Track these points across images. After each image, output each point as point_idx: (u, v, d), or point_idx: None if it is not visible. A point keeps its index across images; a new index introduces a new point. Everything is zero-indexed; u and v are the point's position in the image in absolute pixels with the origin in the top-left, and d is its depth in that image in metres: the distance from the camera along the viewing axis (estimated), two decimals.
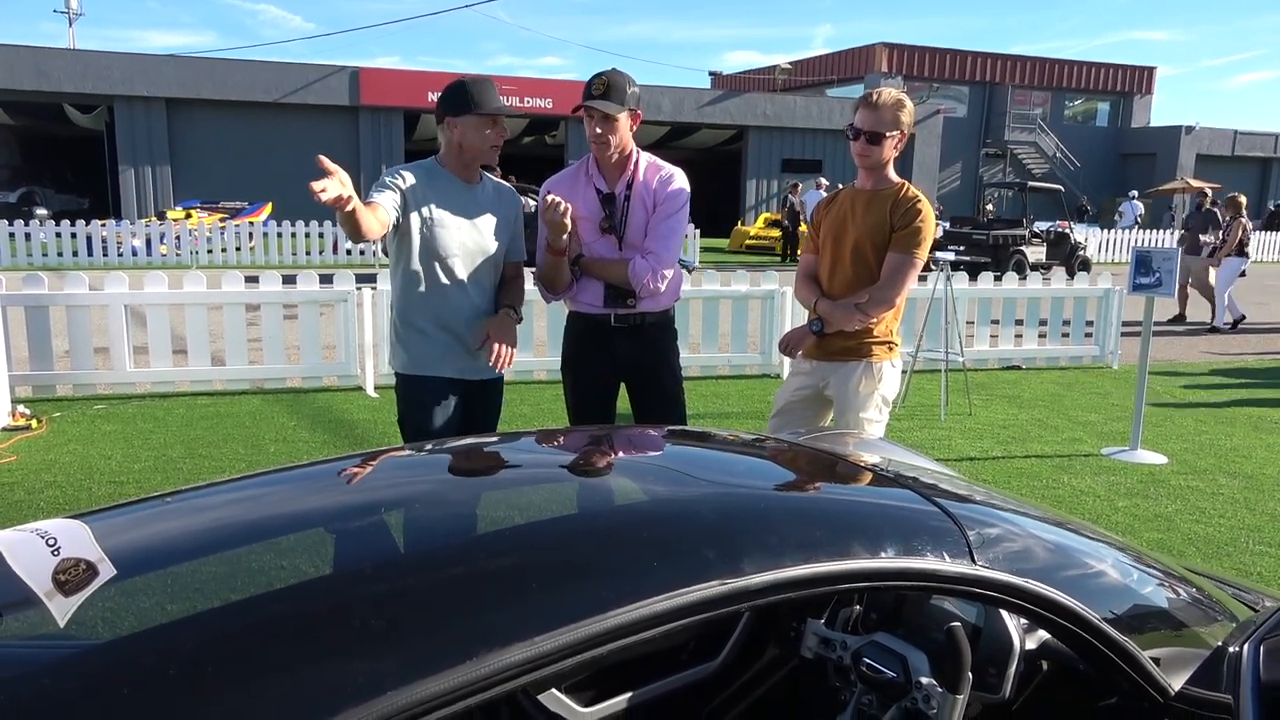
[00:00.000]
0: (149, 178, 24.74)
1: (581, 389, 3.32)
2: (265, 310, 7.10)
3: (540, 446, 1.77)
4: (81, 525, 1.35)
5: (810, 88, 38.14)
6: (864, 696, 1.66)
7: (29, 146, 30.86)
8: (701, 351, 8.08)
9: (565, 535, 1.27)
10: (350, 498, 1.45)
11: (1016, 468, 5.49)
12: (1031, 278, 9.28)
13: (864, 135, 3.20)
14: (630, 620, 1.07)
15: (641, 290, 3.10)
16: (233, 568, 1.20)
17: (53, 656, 1.01)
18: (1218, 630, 1.62)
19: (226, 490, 1.50)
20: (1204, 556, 4.14)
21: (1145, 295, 5.82)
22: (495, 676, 0.98)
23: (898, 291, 3.23)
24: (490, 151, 2.97)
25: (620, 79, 3.00)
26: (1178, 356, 9.72)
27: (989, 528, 1.47)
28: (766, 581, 1.18)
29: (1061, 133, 38.22)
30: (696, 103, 29.26)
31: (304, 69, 25.38)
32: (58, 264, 16.91)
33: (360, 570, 1.17)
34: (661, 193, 3.13)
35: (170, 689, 0.91)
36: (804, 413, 3.44)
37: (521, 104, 26.11)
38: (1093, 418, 6.83)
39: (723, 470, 1.68)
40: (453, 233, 2.95)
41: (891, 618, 1.75)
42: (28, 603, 1.13)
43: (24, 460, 5.22)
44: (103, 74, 23.63)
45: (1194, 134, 37.95)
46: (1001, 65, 37.48)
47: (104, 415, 6.26)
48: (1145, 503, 4.89)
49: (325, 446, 5.65)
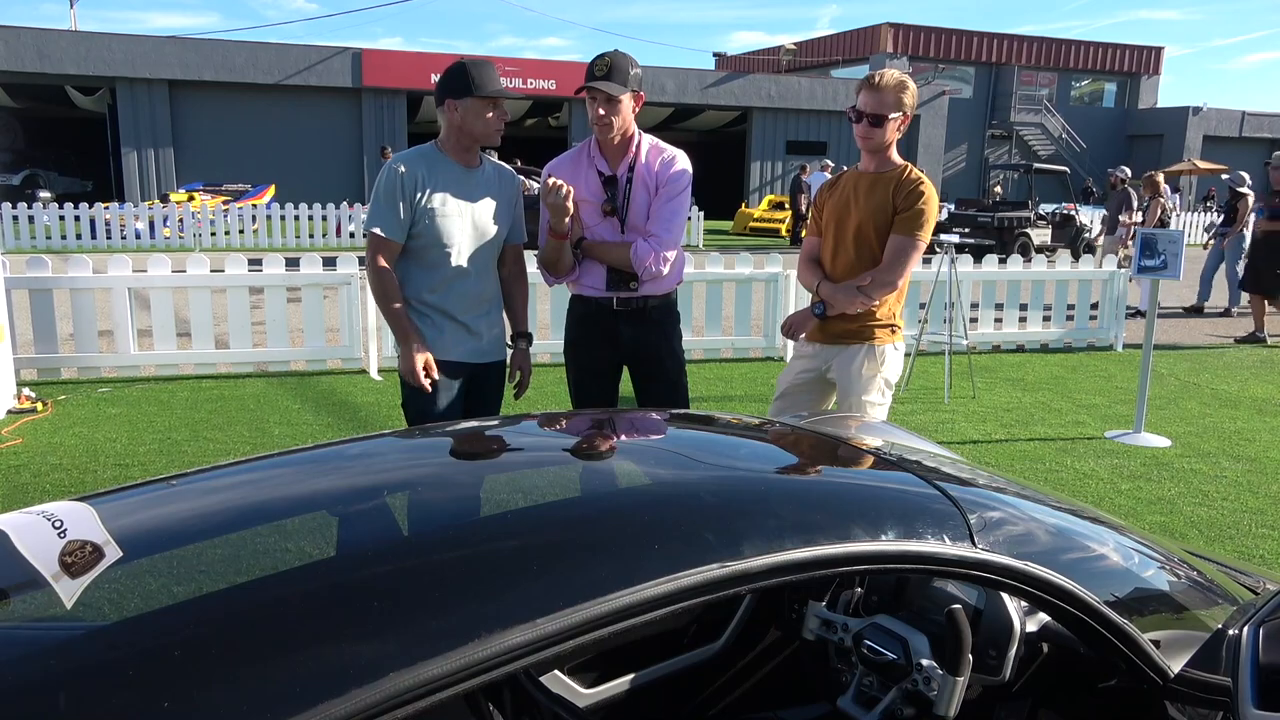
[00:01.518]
0: (152, 160, 24.71)
1: (583, 372, 3.33)
2: (269, 293, 7.11)
3: (542, 430, 1.78)
4: (87, 508, 1.35)
5: (815, 69, 37.92)
6: (865, 678, 1.67)
7: (32, 129, 30.81)
8: (705, 334, 8.08)
9: (567, 518, 1.28)
10: (354, 481, 1.45)
11: (1020, 450, 5.49)
12: (1036, 260, 9.24)
13: (866, 117, 3.18)
14: (631, 602, 1.08)
15: (644, 273, 3.10)
16: (237, 550, 1.20)
17: (59, 638, 1.02)
18: (1218, 613, 1.62)
19: (231, 473, 1.50)
20: (1206, 539, 4.15)
21: (1150, 278, 5.80)
22: (497, 658, 0.98)
23: (900, 274, 3.22)
24: (492, 134, 2.95)
25: (623, 60, 2.99)
26: (1182, 340, 9.70)
27: (990, 511, 1.47)
28: (767, 564, 1.19)
29: (1068, 114, 37.98)
30: (700, 84, 29.12)
31: (306, 51, 25.28)
32: (61, 247, 16.92)
33: (364, 553, 1.17)
34: (664, 175, 3.12)
35: (175, 670, 0.92)
36: (807, 396, 3.44)
37: (524, 85, 25.99)
38: (1096, 400, 6.82)
39: (724, 453, 1.68)
40: (454, 219, 2.95)
41: (892, 600, 1.76)
42: (34, 585, 1.13)
43: (30, 443, 5.24)
44: (105, 56, 23.56)
45: (1201, 115, 37.69)
46: (1008, 46, 37.21)
47: (109, 398, 6.28)
48: (1148, 486, 4.89)
49: (329, 429, 5.67)
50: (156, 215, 17.90)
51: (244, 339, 7.05)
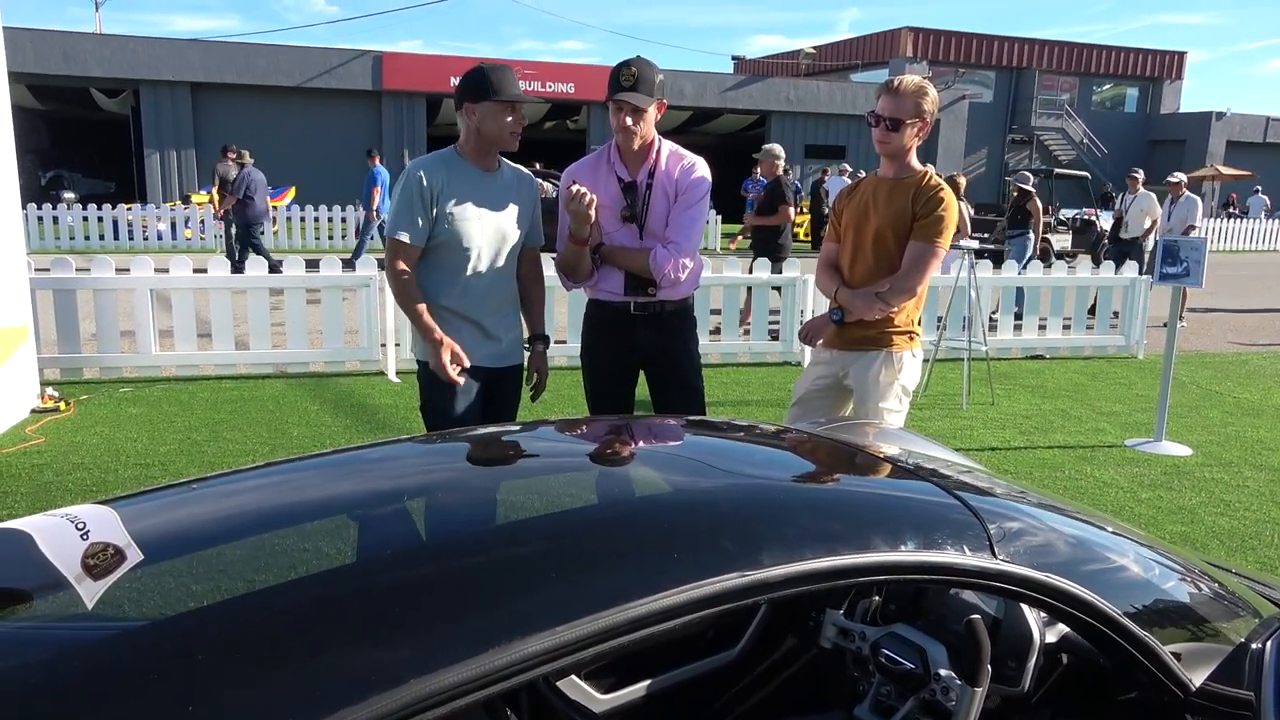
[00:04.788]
0: (174, 161, 24.92)
1: (601, 377, 3.33)
2: (288, 295, 7.15)
3: (560, 436, 1.78)
4: (110, 510, 1.37)
5: (834, 72, 37.81)
6: (882, 687, 1.66)
7: (57, 131, 31.12)
8: (723, 338, 8.07)
9: (585, 526, 1.28)
10: (374, 486, 1.46)
11: (1039, 458, 5.46)
12: (1057, 266, 9.18)
13: (884, 122, 3.17)
14: (650, 611, 1.08)
15: (662, 280, 3.10)
16: (256, 555, 1.21)
17: (81, 640, 1.03)
18: (1240, 626, 1.60)
19: (251, 477, 1.51)
20: (1228, 550, 4.10)
21: (1172, 285, 5.75)
22: (516, 666, 0.98)
23: (919, 280, 3.21)
24: (509, 138, 2.96)
25: (649, 69, 2.99)
26: (1204, 347, 9.61)
27: (1010, 521, 1.46)
28: (786, 574, 1.19)
29: (1089, 119, 37.69)
30: (719, 87, 29.08)
31: (327, 53, 25.43)
32: (85, 247, 17.09)
33: (383, 559, 1.18)
34: (683, 182, 3.12)
35: (195, 674, 0.93)
36: (824, 402, 3.43)
37: (543, 89, 26.03)
38: (1117, 408, 6.77)
39: (742, 461, 1.68)
40: (474, 224, 2.96)
41: (911, 609, 1.75)
42: (57, 586, 1.15)
43: (53, 442, 5.29)
44: (129, 58, 23.78)
45: (1225, 120, 37.32)
46: (1028, 50, 36.98)
47: (130, 398, 6.34)
48: (1169, 495, 4.85)
49: (347, 431, 5.70)
50: (178, 216, 18.06)
51: (263, 340, 7.10)
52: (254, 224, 12.79)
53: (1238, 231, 26.38)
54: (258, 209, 12.77)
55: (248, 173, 12.76)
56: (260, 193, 12.81)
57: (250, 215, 12.72)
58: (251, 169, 12.89)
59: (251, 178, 12.70)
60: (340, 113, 25.94)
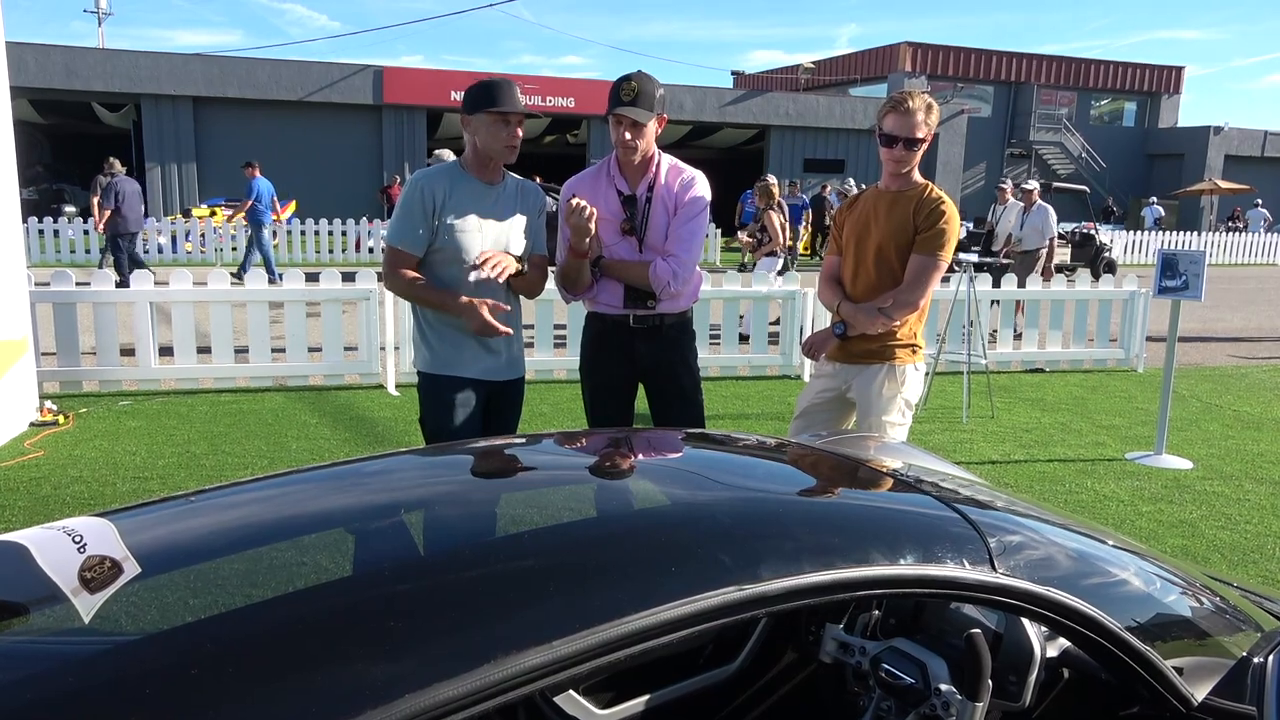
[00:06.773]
0: (175, 175, 25.01)
1: (600, 389, 3.33)
2: (288, 308, 7.16)
3: (559, 449, 1.77)
4: (107, 523, 1.36)
5: (833, 87, 37.97)
6: (882, 702, 1.65)
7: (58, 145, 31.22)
8: (722, 351, 8.07)
9: (583, 539, 1.28)
10: (371, 500, 1.45)
11: (1039, 471, 5.45)
12: (1056, 279, 9.19)
13: (901, 141, 3.16)
14: (648, 625, 1.07)
15: (662, 293, 3.10)
16: (252, 568, 1.21)
17: (77, 653, 1.02)
18: (1242, 640, 1.60)
19: (249, 490, 1.51)
20: (1229, 564, 4.09)
21: (1171, 298, 5.75)
22: (513, 680, 0.98)
23: (921, 294, 3.21)
24: (506, 151, 2.96)
25: (649, 84, 3.00)
26: (1205, 360, 9.61)
27: (1010, 535, 1.46)
28: (785, 588, 1.18)
29: (1087, 133, 37.83)
30: (718, 102, 29.20)
31: (328, 68, 25.55)
32: (85, 261, 17.11)
33: (380, 572, 1.17)
34: (683, 196, 3.13)
35: (190, 687, 0.92)
36: (826, 415, 3.43)
37: (543, 103, 26.16)
38: (1117, 421, 6.76)
39: (741, 475, 1.68)
40: (474, 236, 2.96)
41: (911, 623, 1.74)
42: (53, 599, 1.14)
43: (51, 455, 5.28)
44: (131, 73, 23.90)
45: (1223, 134, 37.46)
46: (1027, 64, 37.15)
47: (129, 411, 6.33)
48: (1170, 508, 4.84)
49: (346, 444, 5.69)
50: (179, 230, 18.08)
51: (263, 353, 7.10)
52: (123, 235, 12.34)
53: (1238, 245, 26.47)
54: (128, 220, 12.30)
55: (115, 182, 12.32)
56: (129, 203, 12.29)
57: (120, 226, 12.26)
58: (121, 178, 12.45)
59: (119, 187, 12.25)
60: (341, 127, 26.05)
